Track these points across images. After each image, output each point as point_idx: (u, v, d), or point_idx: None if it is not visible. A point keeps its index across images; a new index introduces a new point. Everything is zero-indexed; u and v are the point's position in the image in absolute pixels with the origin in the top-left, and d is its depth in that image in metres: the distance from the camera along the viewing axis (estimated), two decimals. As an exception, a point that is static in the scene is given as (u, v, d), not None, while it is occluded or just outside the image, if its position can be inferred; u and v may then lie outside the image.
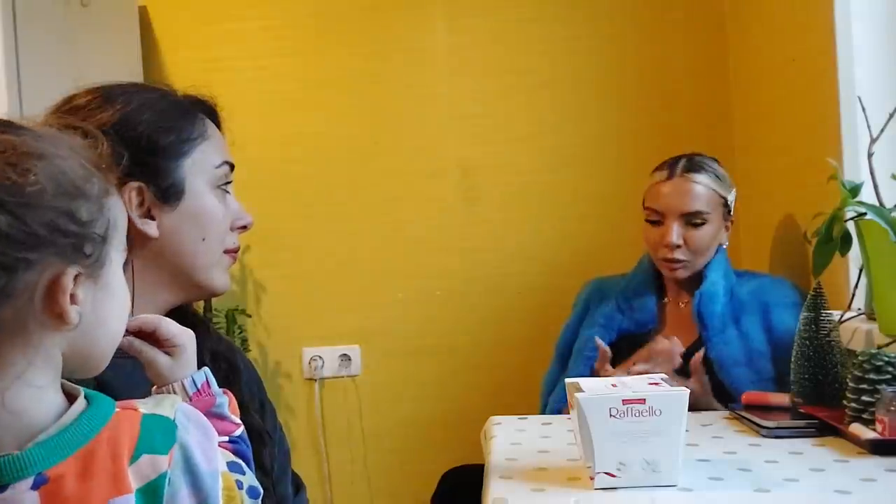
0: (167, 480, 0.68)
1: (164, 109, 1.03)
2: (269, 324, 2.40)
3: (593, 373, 1.75)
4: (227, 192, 1.08)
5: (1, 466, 0.64)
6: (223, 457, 0.77)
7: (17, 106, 1.64)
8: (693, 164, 1.75)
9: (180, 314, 1.04)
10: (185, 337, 0.86)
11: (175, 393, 0.84)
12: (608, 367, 1.63)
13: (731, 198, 1.77)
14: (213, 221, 1.05)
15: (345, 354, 2.37)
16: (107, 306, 0.72)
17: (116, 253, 0.73)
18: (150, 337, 0.85)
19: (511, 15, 2.35)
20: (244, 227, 1.11)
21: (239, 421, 0.86)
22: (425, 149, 2.37)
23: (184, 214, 1.03)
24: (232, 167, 1.09)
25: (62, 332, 0.68)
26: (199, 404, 0.82)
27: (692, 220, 1.71)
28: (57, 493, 0.64)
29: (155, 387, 0.86)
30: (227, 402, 0.86)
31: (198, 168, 1.04)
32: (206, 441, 0.72)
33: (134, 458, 0.67)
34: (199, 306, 2.17)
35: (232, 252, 1.10)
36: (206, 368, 0.87)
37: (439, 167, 2.37)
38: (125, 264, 0.76)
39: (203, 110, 1.08)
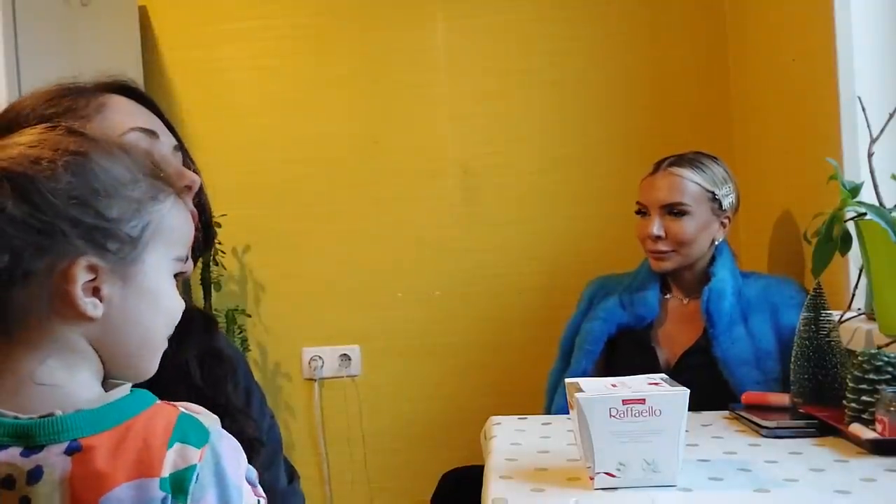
0: (195, 475, 0.67)
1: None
2: (269, 324, 2.40)
3: (595, 366, 1.76)
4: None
5: (39, 426, 0.66)
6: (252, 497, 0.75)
7: (17, 106, 1.64)
8: (680, 159, 1.77)
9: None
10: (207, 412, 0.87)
11: None
12: None
13: (722, 193, 1.75)
14: None
15: (345, 354, 2.37)
16: (139, 308, 0.72)
17: (155, 257, 0.73)
18: None
19: (511, 15, 2.35)
20: (186, 188, 0.97)
21: (263, 494, 0.83)
22: (425, 149, 2.37)
23: None
24: (147, 132, 1.02)
25: (82, 325, 0.70)
26: None
27: (672, 210, 1.73)
28: (87, 462, 0.65)
29: None
30: (256, 474, 0.85)
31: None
32: (235, 460, 0.71)
33: (168, 446, 0.67)
34: (199, 304, 2.19)
35: None
36: None
37: (439, 167, 2.37)
38: None
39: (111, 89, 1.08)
